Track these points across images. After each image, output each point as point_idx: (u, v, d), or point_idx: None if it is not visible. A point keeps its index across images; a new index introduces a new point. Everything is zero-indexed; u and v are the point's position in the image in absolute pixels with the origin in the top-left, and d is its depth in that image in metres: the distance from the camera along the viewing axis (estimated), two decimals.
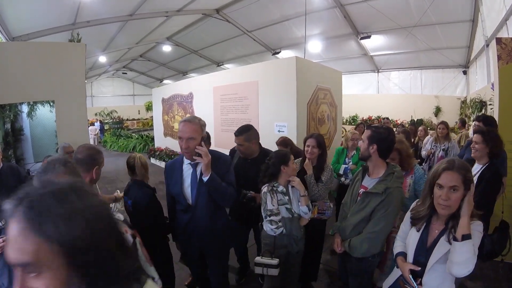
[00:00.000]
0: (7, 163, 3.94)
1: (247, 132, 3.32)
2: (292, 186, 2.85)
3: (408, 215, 2.06)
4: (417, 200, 2.05)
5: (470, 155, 3.69)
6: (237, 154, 3.70)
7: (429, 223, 1.87)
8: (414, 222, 1.94)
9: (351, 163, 4.70)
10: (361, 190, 2.47)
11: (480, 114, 4.17)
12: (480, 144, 2.98)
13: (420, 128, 7.49)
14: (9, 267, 2.36)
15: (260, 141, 3.53)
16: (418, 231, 1.90)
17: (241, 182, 3.02)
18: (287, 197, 2.78)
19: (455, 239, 1.66)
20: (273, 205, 2.70)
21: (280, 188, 2.77)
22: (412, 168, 3.18)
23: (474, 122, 3.87)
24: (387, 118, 12.73)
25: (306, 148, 3.21)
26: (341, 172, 4.61)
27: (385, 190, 2.25)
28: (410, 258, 1.92)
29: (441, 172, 1.75)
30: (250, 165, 3.34)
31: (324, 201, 3.18)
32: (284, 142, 4.67)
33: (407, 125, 11.25)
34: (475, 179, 2.84)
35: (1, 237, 2.31)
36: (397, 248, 2.09)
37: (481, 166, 3.00)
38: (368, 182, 2.45)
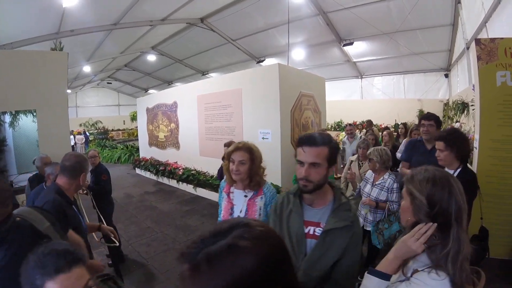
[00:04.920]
0: None
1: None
2: None
3: None
4: None
5: (407, 158, 3.72)
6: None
7: None
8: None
9: None
10: (310, 229, 1.65)
11: (426, 112, 4.00)
12: (444, 152, 2.77)
13: (384, 133, 6.70)
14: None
15: None
16: None
17: None
18: None
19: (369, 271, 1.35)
20: None
21: None
22: (262, 187, 2.40)
23: (422, 122, 3.66)
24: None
25: None
26: None
27: (354, 216, 1.65)
28: None
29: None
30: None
31: None
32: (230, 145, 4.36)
33: (392, 128, 11.45)
34: None
35: None
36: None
37: (453, 171, 2.76)
38: (318, 215, 1.67)
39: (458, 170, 2.75)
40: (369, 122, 10.95)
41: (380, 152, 3.56)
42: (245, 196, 2.35)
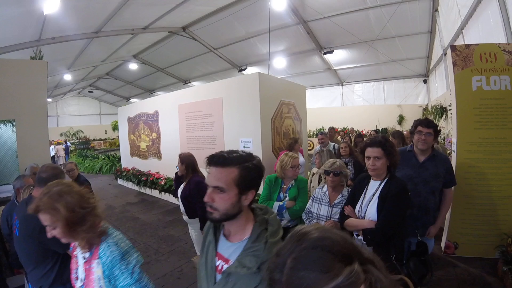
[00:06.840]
0: None
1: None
2: None
3: None
4: None
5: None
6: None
7: None
8: None
9: (287, 198, 3.32)
10: (220, 263, 1.36)
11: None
12: (382, 160, 2.39)
13: (342, 145, 5.51)
14: None
15: None
16: None
17: None
18: None
19: None
20: None
21: None
22: (97, 246, 1.64)
23: (419, 128, 3.11)
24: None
25: None
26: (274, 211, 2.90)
27: (260, 267, 1.20)
28: None
29: None
30: None
31: None
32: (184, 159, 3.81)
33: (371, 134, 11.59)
34: (375, 197, 2.40)
35: None
36: None
37: (379, 181, 2.46)
38: (230, 250, 1.35)
39: (386, 179, 2.45)
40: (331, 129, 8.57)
41: (342, 163, 3.08)
42: (83, 258, 1.66)
